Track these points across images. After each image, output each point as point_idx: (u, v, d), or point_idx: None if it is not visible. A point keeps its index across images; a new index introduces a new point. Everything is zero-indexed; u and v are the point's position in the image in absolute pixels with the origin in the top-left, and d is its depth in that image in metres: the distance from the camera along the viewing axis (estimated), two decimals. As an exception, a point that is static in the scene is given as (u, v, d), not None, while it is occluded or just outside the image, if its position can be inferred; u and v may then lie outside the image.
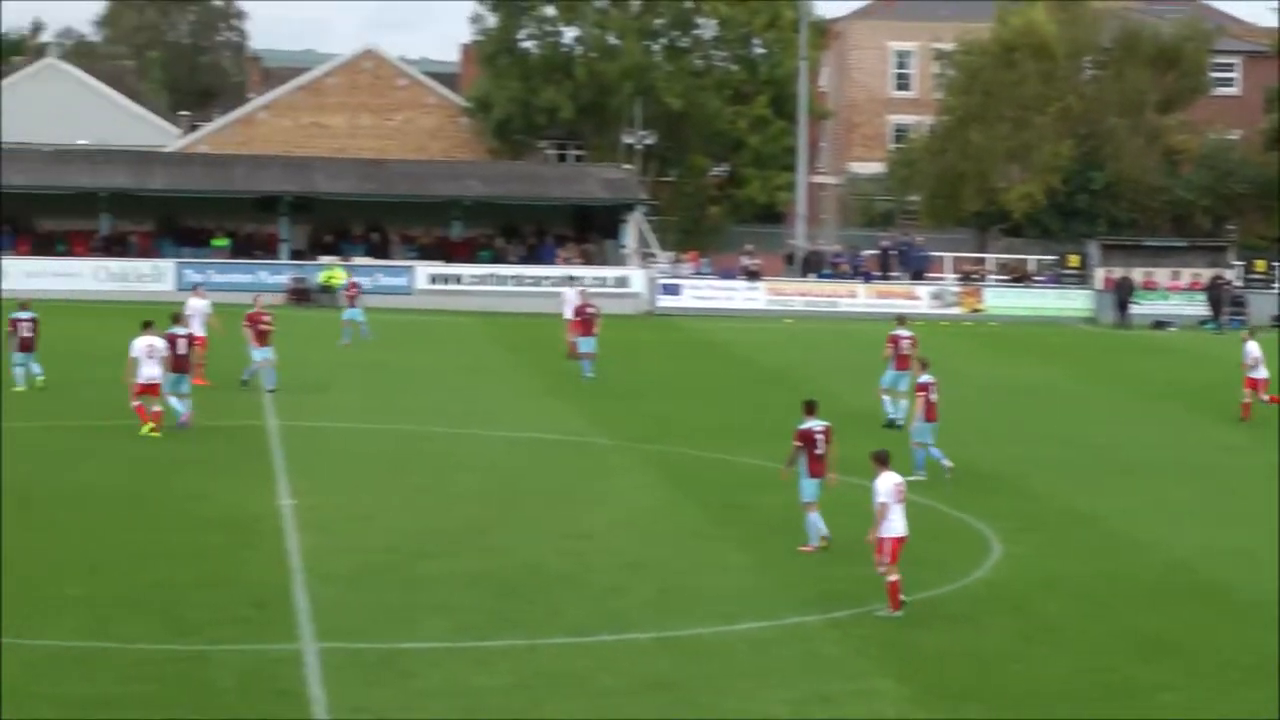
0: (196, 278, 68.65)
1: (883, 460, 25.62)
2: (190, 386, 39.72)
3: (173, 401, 38.67)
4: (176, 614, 24.03)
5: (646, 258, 78.24)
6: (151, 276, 68.63)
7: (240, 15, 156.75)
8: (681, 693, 21.60)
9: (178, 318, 40.87)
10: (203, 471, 34.46)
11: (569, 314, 54.36)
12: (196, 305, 46.03)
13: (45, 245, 72.66)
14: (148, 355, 38.09)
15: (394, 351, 55.87)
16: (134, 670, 21.48)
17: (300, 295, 70.31)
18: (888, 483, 25.31)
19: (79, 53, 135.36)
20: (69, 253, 72.28)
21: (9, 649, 22.03)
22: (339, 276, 70.77)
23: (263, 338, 45.17)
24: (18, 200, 72.77)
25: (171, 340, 39.10)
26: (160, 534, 29.02)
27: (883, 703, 21.54)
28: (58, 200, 72.83)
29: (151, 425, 37.87)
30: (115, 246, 72.79)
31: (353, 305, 58.00)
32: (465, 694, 21.17)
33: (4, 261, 69.84)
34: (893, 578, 25.05)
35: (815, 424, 29.11)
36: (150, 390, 38.25)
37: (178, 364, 39.05)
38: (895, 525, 25.19)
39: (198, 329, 44.48)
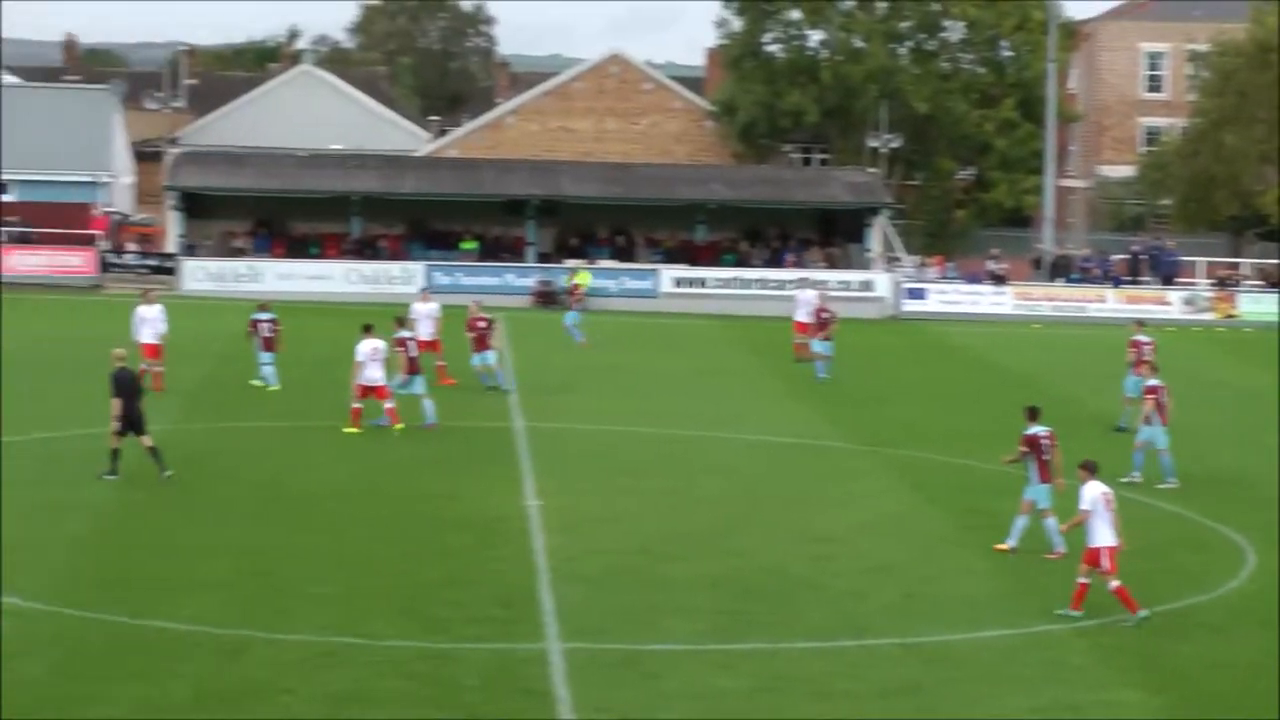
0: (445, 280, 69.75)
1: (1091, 469, 25.46)
2: (425, 388, 40.23)
3: (390, 404, 39.23)
4: (425, 612, 24.37)
5: (891, 261, 77.78)
6: (401, 279, 69.54)
7: (489, 21, 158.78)
8: (924, 699, 21.46)
9: (402, 321, 41.39)
10: (451, 472, 34.90)
11: (802, 316, 54.46)
12: (421, 309, 46.55)
13: (299, 248, 74.09)
14: (371, 358, 38.72)
15: (639, 354, 56.20)
16: (383, 666, 21.82)
17: (546, 298, 70.89)
18: (1094, 491, 25.18)
19: (333, 59, 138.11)
20: (321, 255, 73.60)
21: (261, 644, 22.53)
22: (584, 279, 71.31)
23: (480, 340, 45.61)
24: (273, 203, 74.39)
25: (401, 344, 39.69)
26: (409, 533, 29.48)
27: (1130, 714, 21.22)
28: (311, 203, 74.27)
29: (357, 428, 38.58)
30: (366, 249, 74.00)
31: (572, 309, 58.45)
32: (707, 696, 21.22)
33: (260, 264, 71.44)
34: (1114, 584, 24.83)
35: (1040, 429, 28.93)
36: (373, 392, 38.85)
37: (411, 366, 39.67)
38: (1105, 534, 24.97)
39: (425, 332, 45.09)
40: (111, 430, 32.30)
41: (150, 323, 44.08)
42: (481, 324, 45.63)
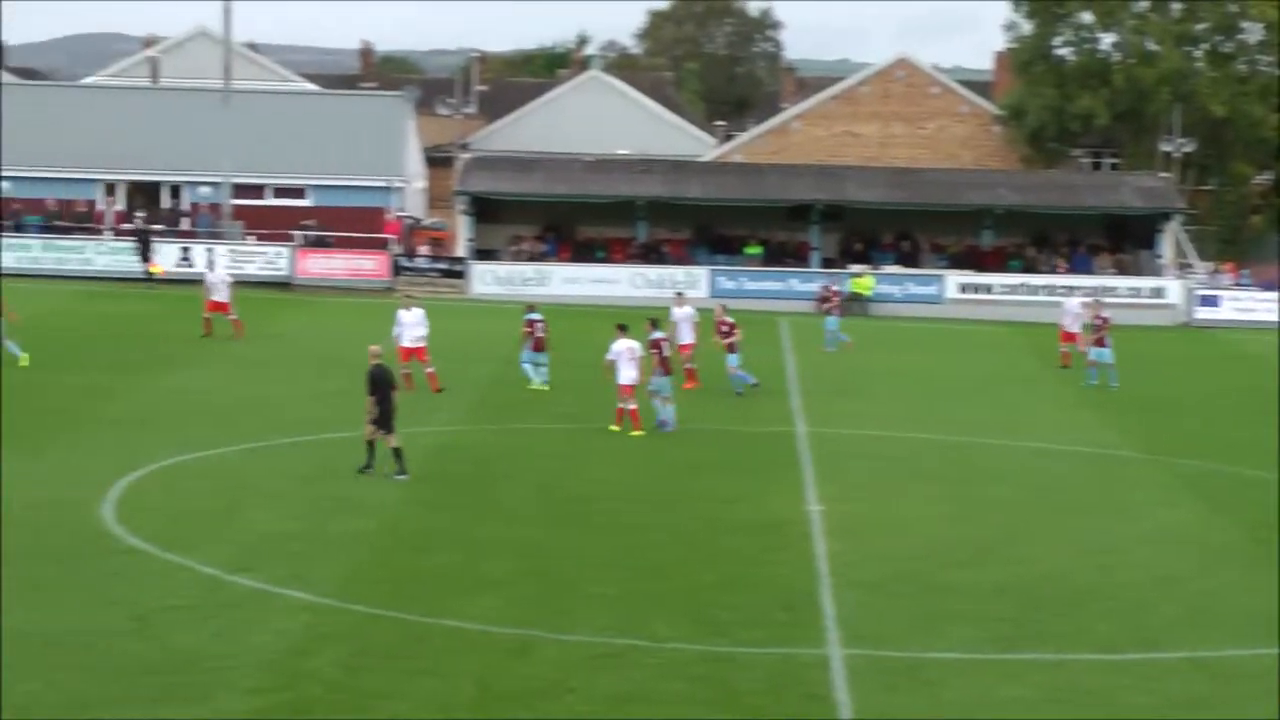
0: (729, 285, 70.10)
1: None
2: (672, 390, 40.51)
3: (655, 403, 39.62)
4: (705, 614, 24.45)
5: (1183, 268, 76.30)
6: (685, 283, 69.85)
7: (776, 25, 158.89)
8: (1214, 715, 21.01)
9: (656, 323, 41.65)
10: (732, 475, 35.00)
11: (1068, 325, 53.99)
12: (678, 313, 46.80)
13: (585, 252, 74.90)
14: (628, 358, 39.11)
15: (923, 360, 55.87)
16: (664, 668, 21.92)
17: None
18: None
19: (620, 64, 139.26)
20: (607, 259, 74.29)
21: (545, 643, 22.79)
22: (869, 285, 71.07)
23: (729, 343, 45.86)
24: (560, 208, 75.31)
25: (656, 345, 40.00)
26: (689, 535, 29.60)
27: None
28: (598, 208, 75.03)
29: (638, 429, 39.00)
30: (651, 254, 74.51)
31: (829, 313, 58.22)
32: (991, 705, 20.98)
33: (547, 268, 72.30)
34: None
35: None
36: (631, 391, 39.25)
37: (664, 367, 39.97)
38: None
39: (684, 335, 45.58)
40: (367, 427, 33.03)
41: (409, 327, 45.05)
42: (722, 326, 45.99)
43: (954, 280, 72.75)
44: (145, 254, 70.93)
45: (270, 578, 25.45)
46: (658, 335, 40.53)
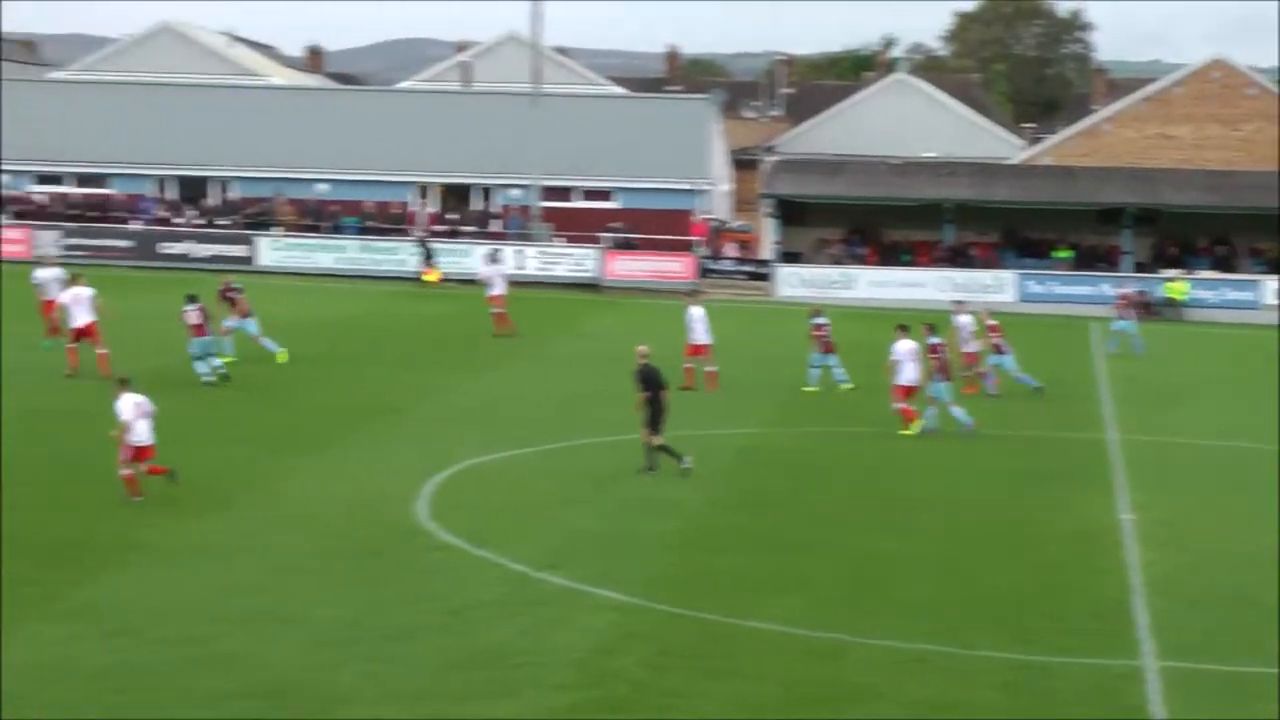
0: (1037, 289, 69.18)
1: None
2: (952, 395, 40.25)
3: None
4: (1015, 622, 24.04)
5: None
6: (993, 287, 69.09)
7: (1086, 27, 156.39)
8: None
9: (933, 328, 41.19)
10: (1041, 481, 34.43)
11: None
12: (959, 321, 46.29)
13: (891, 255, 74.42)
14: (911, 358, 39.21)
15: (1240, 367, 54.53)
16: (975, 676, 21.59)
17: (1143, 308, 69.30)
18: None
19: (927, 66, 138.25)
20: (913, 263, 73.69)
21: (852, 647, 22.57)
22: (1183, 290, 69.54)
23: (995, 344, 45.67)
24: (866, 211, 74.87)
25: (934, 349, 39.82)
26: (997, 541, 29.18)
27: None
28: (904, 211, 74.47)
29: (918, 425, 39.19)
30: (958, 257, 73.74)
31: (1121, 317, 56.96)
32: (1315, 724, 20.34)
33: (853, 271, 71.96)
34: None
35: None
36: (909, 392, 39.25)
37: (943, 372, 39.74)
38: None
39: (968, 344, 45.21)
40: (643, 429, 33.21)
41: (696, 322, 45.50)
42: (991, 331, 45.74)
43: (1272, 286, 70.85)
44: (427, 259, 71.75)
45: (577, 576, 25.60)
46: (935, 340, 40.24)
